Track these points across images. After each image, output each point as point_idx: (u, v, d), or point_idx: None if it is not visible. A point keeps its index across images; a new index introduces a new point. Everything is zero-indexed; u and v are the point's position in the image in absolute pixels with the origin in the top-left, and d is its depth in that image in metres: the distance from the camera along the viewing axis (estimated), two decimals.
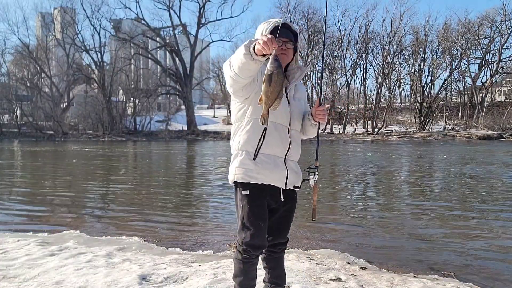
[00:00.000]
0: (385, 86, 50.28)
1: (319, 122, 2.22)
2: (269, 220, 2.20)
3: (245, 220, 2.13)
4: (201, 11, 49.14)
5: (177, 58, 49.86)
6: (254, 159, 2.10)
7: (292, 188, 2.24)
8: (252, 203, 2.12)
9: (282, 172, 2.15)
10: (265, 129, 2.08)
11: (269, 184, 2.14)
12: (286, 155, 2.17)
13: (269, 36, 1.75)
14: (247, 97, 2.10)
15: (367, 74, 52.45)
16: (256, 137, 2.10)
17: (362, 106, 49.47)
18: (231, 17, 73.09)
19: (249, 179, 2.10)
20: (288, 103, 2.18)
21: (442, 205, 6.90)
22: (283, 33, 2.08)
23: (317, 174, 2.19)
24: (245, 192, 2.12)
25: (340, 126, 47.23)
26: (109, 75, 49.73)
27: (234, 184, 2.21)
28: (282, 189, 2.19)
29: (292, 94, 2.22)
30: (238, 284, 2.24)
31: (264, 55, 1.79)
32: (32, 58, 50.43)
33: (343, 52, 49.90)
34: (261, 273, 2.38)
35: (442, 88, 48.74)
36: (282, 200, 2.19)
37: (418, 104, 47.06)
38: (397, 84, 52.60)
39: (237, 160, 2.14)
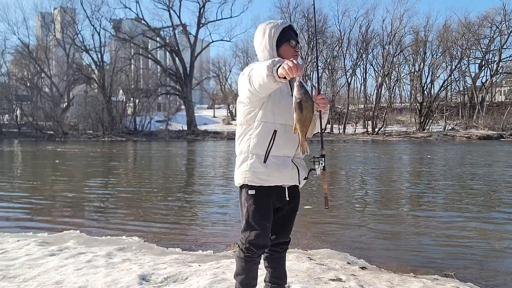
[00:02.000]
0: (385, 86, 50.27)
1: (320, 111, 2.17)
2: (272, 218, 2.21)
3: (250, 219, 2.14)
4: (201, 11, 49.20)
5: (177, 58, 49.85)
6: (265, 162, 2.10)
7: (302, 180, 2.23)
8: (258, 203, 2.13)
9: (292, 170, 2.16)
10: (275, 131, 2.09)
11: (276, 184, 2.15)
12: (294, 154, 2.19)
13: (295, 62, 1.76)
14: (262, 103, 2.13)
15: (367, 74, 52.46)
16: (266, 140, 2.11)
17: (362, 106, 49.45)
18: (231, 17, 73.19)
19: (260, 182, 2.11)
20: None
21: (442, 205, 6.90)
22: (291, 35, 2.15)
23: (322, 164, 2.15)
24: (251, 192, 2.13)
25: (340, 126, 47.21)
26: (109, 75, 49.69)
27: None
28: (287, 188, 2.20)
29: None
30: (239, 282, 2.25)
31: (286, 79, 1.81)
32: (32, 58, 50.40)
33: (343, 52, 49.91)
34: (262, 273, 2.38)
35: (442, 88, 48.76)
36: (287, 199, 2.21)
37: (418, 104, 47.03)
38: (397, 84, 52.61)
39: (246, 163, 2.14)
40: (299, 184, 2.22)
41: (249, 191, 2.14)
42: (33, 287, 2.91)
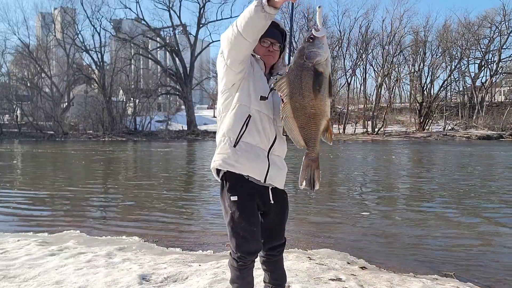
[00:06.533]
0: (385, 86, 50.29)
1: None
2: (262, 224, 2.13)
3: (236, 226, 2.04)
4: (201, 11, 49.22)
5: (177, 58, 49.83)
6: (235, 146, 2.01)
7: (274, 186, 2.13)
8: (242, 208, 2.03)
9: (262, 164, 2.05)
10: (249, 116, 2.01)
11: (257, 186, 2.06)
12: (270, 148, 2.09)
13: None
14: (239, 76, 2.01)
15: (367, 74, 52.50)
16: (239, 124, 2.02)
17: (362, 106, 49.47)
18: (231, 17, 72.06)
19: (227, 166, 2.02)
20: (272, 96, 2.08)
21: (441, 205, 6.90)
22: (270, 33, 2.01)
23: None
24: (234, 198, 2.03)
25: (340, 126, 47.18)
26: (109, 75, 49.68)
27: (220, 186, 2.12)
28: (271, 189, 2.11)
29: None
30: None
31: (276, 8, 1.74)
32: (32, 58, 50.38)
33: (343, 52, 49.88)
34: (260, 273, 2.38)
35: (442, 88, 48.82)
36: (272, 202, 2.12)
37: (418, 104, 47.06)
38: (396, 84, 52.63)
39: (220, 146, 2.08)
40: (264, 182, 2.06)
41: (231, 197, 2.03)
42: (33, 287, 2.91)
